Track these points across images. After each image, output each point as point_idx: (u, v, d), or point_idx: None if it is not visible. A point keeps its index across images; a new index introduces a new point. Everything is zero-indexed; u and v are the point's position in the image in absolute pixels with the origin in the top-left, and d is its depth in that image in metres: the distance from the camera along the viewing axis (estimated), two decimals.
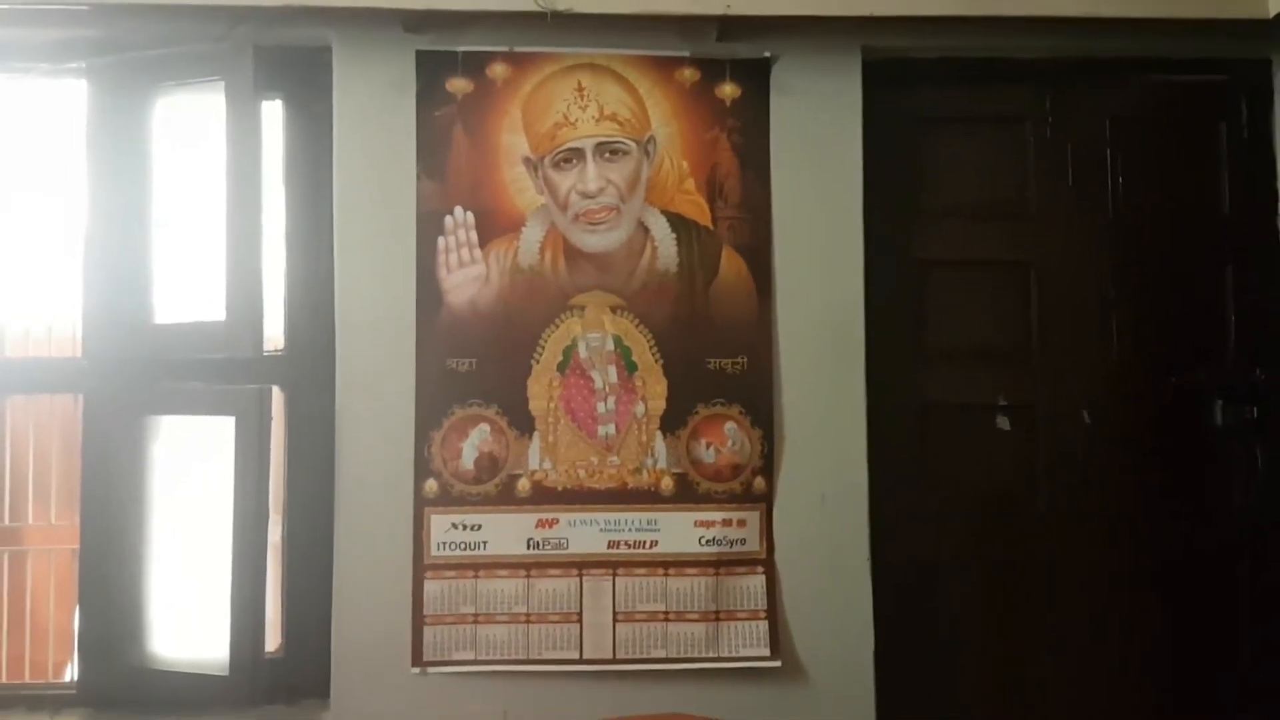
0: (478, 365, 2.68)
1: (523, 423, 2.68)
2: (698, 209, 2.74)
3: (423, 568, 2.64)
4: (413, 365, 2.67)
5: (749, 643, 2.67)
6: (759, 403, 2.71)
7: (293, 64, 2.75)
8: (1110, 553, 2.80)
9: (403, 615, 2.62)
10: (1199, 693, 2.80)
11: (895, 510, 2.74)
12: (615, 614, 2.65)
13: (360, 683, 2.62)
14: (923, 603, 2.78)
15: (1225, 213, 2.88)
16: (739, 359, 2.72)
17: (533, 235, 2.71)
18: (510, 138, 2.72)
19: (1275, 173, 2.87)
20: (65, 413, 4.18)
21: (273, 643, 2.71)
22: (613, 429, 2.69)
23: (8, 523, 4.37)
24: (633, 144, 2.73)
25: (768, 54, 2.75)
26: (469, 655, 2.63)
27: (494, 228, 2.70)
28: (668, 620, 2.66)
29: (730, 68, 2.75)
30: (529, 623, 2.64)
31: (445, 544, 2.65)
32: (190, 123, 2.71)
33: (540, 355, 2.69)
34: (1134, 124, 2.88)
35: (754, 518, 2.70)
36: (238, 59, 2.61)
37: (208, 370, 2.67)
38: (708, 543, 2.68)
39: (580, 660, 2.64)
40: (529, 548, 2.66)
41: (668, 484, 2.69)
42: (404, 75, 2.70)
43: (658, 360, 2.71)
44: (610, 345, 2.70)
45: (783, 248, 2.74)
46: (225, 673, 2.55)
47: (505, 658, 2.63)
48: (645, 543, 2.67)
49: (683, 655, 2.65)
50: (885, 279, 2.77)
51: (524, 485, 2.67)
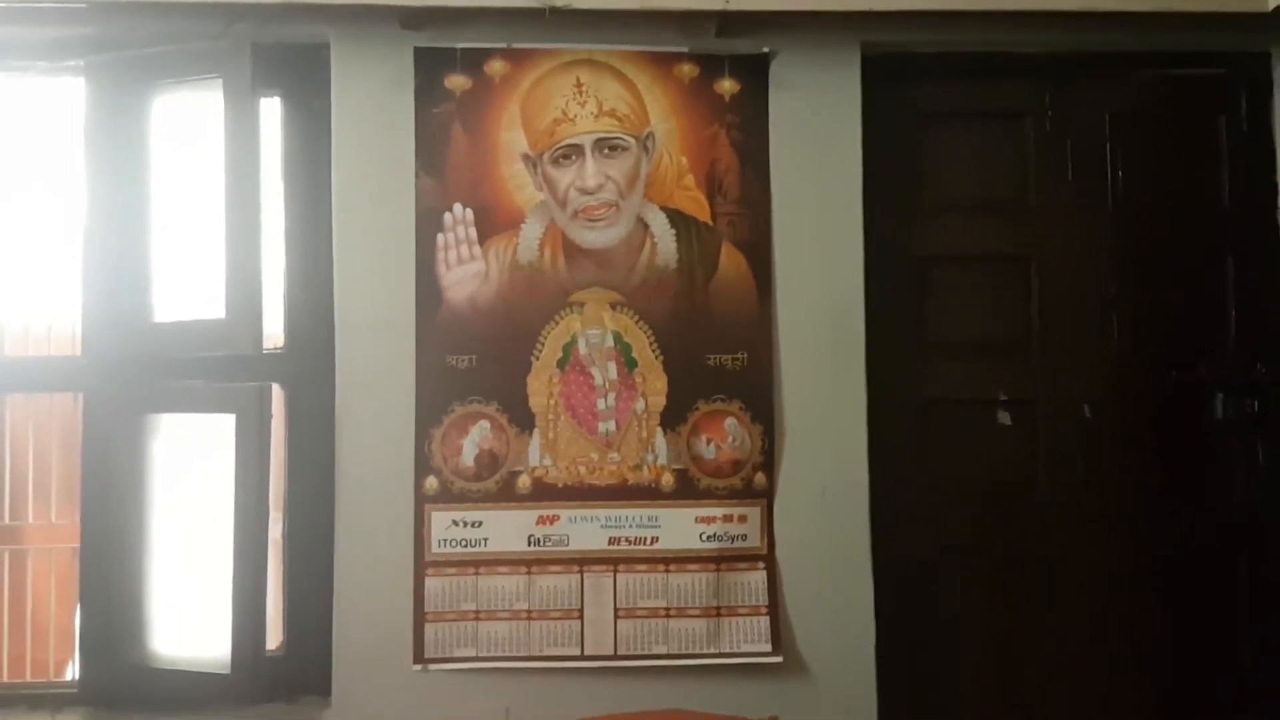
0: (477, 362, 2.68)
1: (523, 419, 2.68)
2: (697, 205, 2.73)
3: (423, 565, 2.64)
4: (412, 362, 2.67)
5: (750, 638, 2.66)
6: (759, 398, 2.71)
7: (291, 61, 2.75)
8: (1111, 547, 2.80)
9: (404, 613, 2.62)
10: (1199, 687, 2.80)
11: (896, 505, 2.74)
12: (616, 610, 2.65)
13: (361, 680, 2.62)
14: (924, 597, 2.78)
15: (1225, 206, 2.88)
16: (739, 355, 2.72)
17: (532, 232, 2.70)
18: (509, 134, 2.71)
19: (1275, 166, 2.87)
20: (65, 411, 4.18)
21: (274, 640, 2.71)
22: (613, 425, 2.69)
23: (8, 522, 4.38)
24: (632, 140, 2.72)
25: (767, 49, 2.75)
26: (470, 652, 2.63)
27: (493, 224, 2.70)
28: (669, 616, 2.66)
29: (729, 63, 2.74)
30: (530, 619, 2.64)
31: (446, 541, 2.65)
32: (189, 120, 2.69)
33: (540, 352, 2.69)
34: (1134, 118, 2.87)
35: (755, 513, 2.70)
36: (236, 56, 2.60)
37: (208, 368, 2.67)
38: (709, 539, 2.68)
39: (581, 657, 2.63)
40: (530, 544, 2.66)
41: (668, 480, 2.69)
42: (402, 72, 2.70)
43: (658, 356, 2.70)
44: (610, 342, 2.70)
45: (782, 243, 2.73)
46: (226, 671, 2.55)
47: (506, 654, 2.63)
48: (646, 539, 2.67)
49: (684, 651, 2.65)
50: (885, 274, 2.76)
51: (524, 482, 2.67)
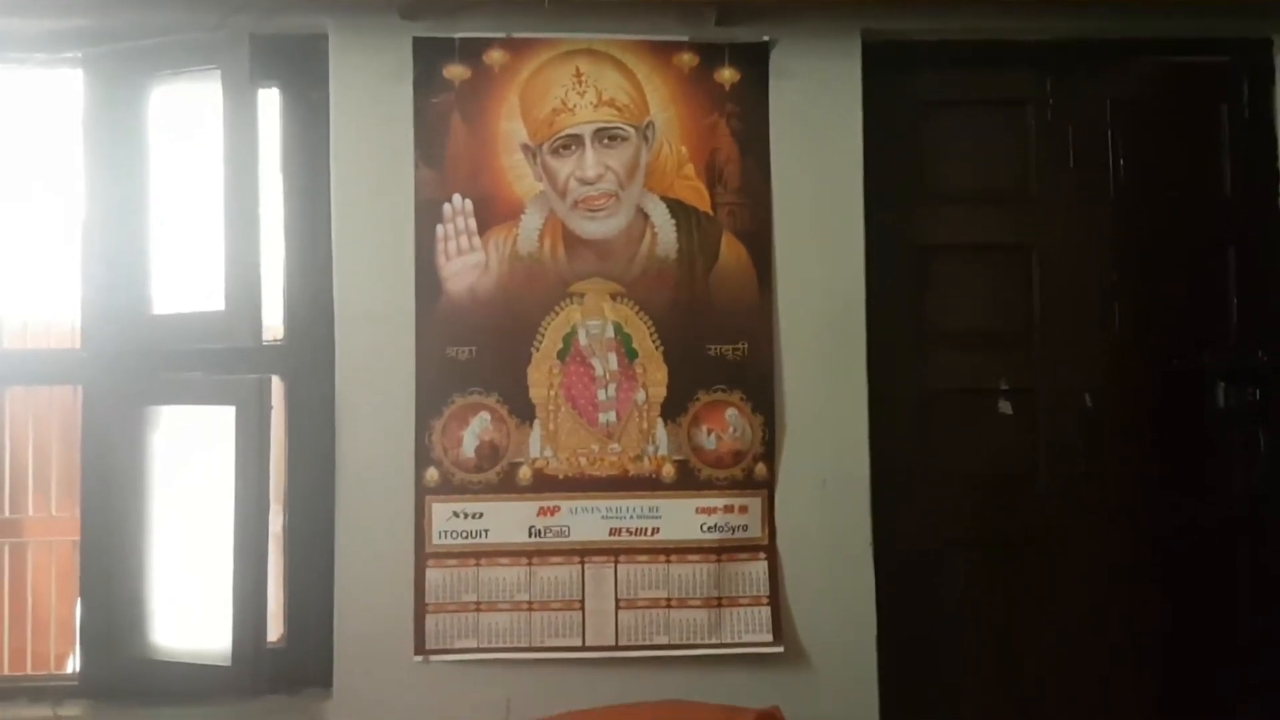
0: (477, 353, 2.67)
1: (523, 411, 2.67)
2: (697, 195, 2.72)
3: (424, 556, 2.64)
4: (412, 354, 2.66)
5: (751, 628, 2.66)
6: (760, 389, 2.70)
7: (289, 52, 2.73)
8: (1112, 536, 2.80)
9: (405, 604, 2.62)
10: (1199, 677, 2.80)
11: (897, 495, 2.73)
12: (617, 601, 2.65)
13: (363, 672, 2.62)
14: (925, 587, 2.78)
15: (1227, 194, 2.87)
16: (740, 345, 2.71)
17: (532, 222, 2.69)
18: (508, 124, 2.70)
19: (1277, 153, 2.85)
20: (64, 404, 4.18)
21: (275, 632, 2.71)
22: (613, 416, 2.68)
23: (8, 515, 4.38)
24: (631, 130, 2.71)
25: (767, 38, 2.73)
26: (471, 643, 2.62)
27: (493, 215, 2.69)
28: (670, 607, 2.65)
29: (729, 52, 2.73)
30: (531, 610, 2.64)
31: (447, 532, 2.64)
32: (187, 112, 2.68)
33: (540, 343, 2.68)
34: (1135, 106, 2.86)
35: (755, 504, 2.69)
36: (233, 47, 2.58)
37: (207, 360, 2.65)
38: (709, 529, 2.67)
39: (583, 647, 2.63)
40: (530, 535, 2.65)
41: (669, 471, 2.68)
42: (400, 62, 2.68)
43: (658, 347, 2.69)
44: (610, 332, 2.69)
45: (783, 233, 2.72)
46: (227, 663, 2.54)
47: (508, 645, 2.62)
48: (647, 529, 2.67)
49: (685, 641, 2.64)
50: (886, 263, 2.75)
51: (525, 473, 2.67)
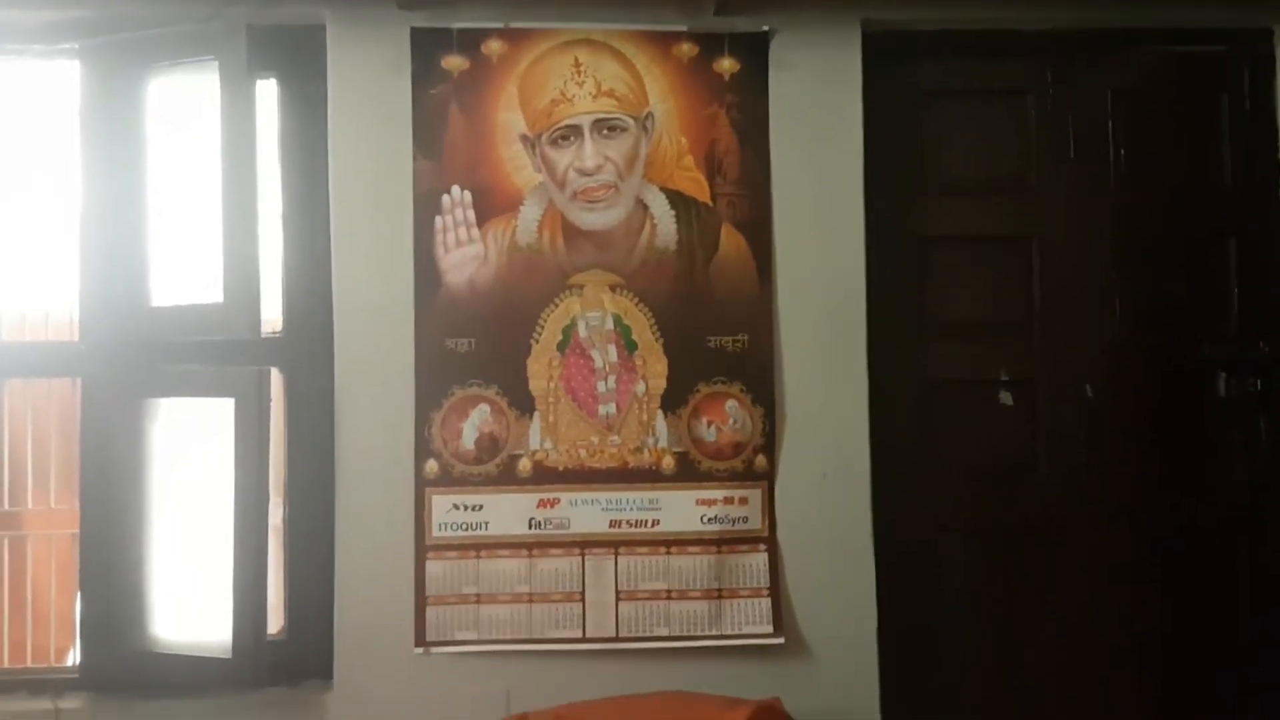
0: (477, 345, 2.67)
1: (523, 403, 2.67)
2: (697, 186, 2.71)
3: (424, 548, 2.63)
4: (411, 346, 2.66)
5: (752, 620, 2.66)
6: (760, 380, 2.70)
7: (286, 43, 2.73)
8: (1112, 527, 2.79)
9: (405, 596, 2.62)
10: (1198, 666, 2.80)
11: (897, 486, 2.73)
12: (618, 593, 2.64)
13: (363, 664, 2.62)
14: (925, 578, 2.78)
15: (1227, 184, 2.86)
16: (739, 337, 2.70)
17: (531, 214, 2.69)
18: (507, 115, 2.69)
19: (1277, 144, 2.84)
20: (63, 396, 4.18)
21: (275, 625, 2.71)
22: (613, 408, 2.68)
23: (7, 507, 4.38)
24: (630, 120, 2.70)
25: (766, 28, 2.72)
26: (472, 635, 2.62)
27: (491, 206, 2.68)
28: (670, 599, 2.65)
29: (729, 42, 2.72)
30: (531, 602, 2.64)
31: (447, 525, 2.64)
32: (185, 104, 2.67)
33: (540, 335, 2.68)
34: (1135, 96, 2.85)
35: (756, 495, 2.69)
36: (231, 38, 2.58)
37: (206, 352, 2.65)
38: (710, 521, 2.67)
39: (583, 639, 2.63)
40: (530, 527, 2.65)
41: (669, 463, 2.68)
42: (399, 53, 2.67)
43: (658, 339, 2.69)
44: (610, 324, 2.69)
45: (783, 224, 2.72)
46: (228, 655, 2.54)
47: (508, 637, 2.62)
48: (647, 521, 2.66)
49: (685, 633, 2.64)
50: (886, 254, 2.74)
51: (525, 465, 2.67)
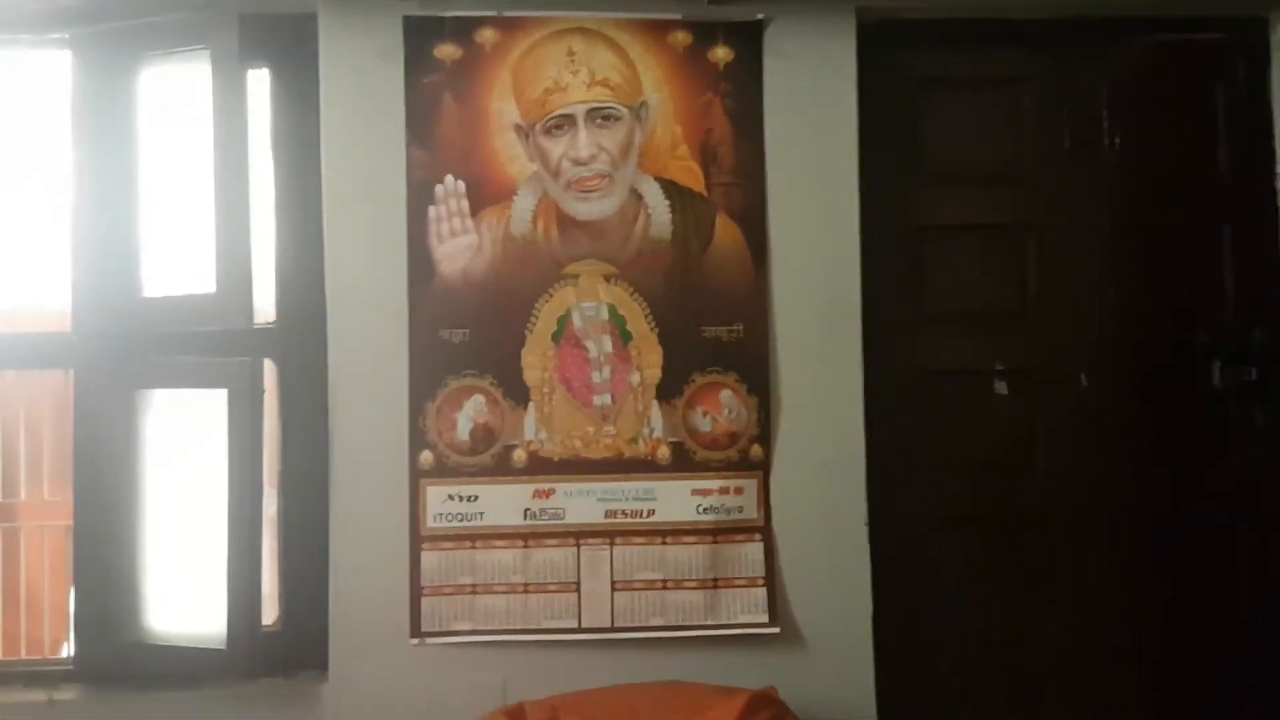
0: (471, 336, 2.66)
1: (518, 393, 2.66)
2: (691, 175, 2.70)
3: (419, 539, 2.63)
4: (405, 336, 2.65)
5: (747, 610, 2.66)
6: (755, 370, 2.69)
7: (278, 32, 2.71)
8: (1108, 516, 2.79)
9: (400, 587, 2.62)
10: (1197, 654, 2.80)
11: (893, 476, 2.73)
12: (613, 583, 2.64)
13: (359, 655, 2.61)
14: (921, 568, 2.78)
15: (1223, 173, 2.85)
16: (735, 327, 2.70)
17: (525, 204, 2.67)
18: (500, 104, 2.68)
19: (1273, 132, 2.84)
20: (56, 388, 4.16)
21: (270, 616, 2.70)
22: (608, 399, 2.67)
23: (1, 499, 4.37)
24: (625, 110, 2.69)
25: (760, 16, 2.71)
26: (467, 626, 2.62)
27: (485, 196, 2.67)
28: (666, 588, 2.65)
29: (723, 31, 2.71)
30: (527, 593, 2.64)
31: (442, 515, 2.64)
32: (177, 93, 2.65)
33: (534, 325, 2.67)
34: (1131, 84, 2.84)
35: (751, 485, 2.69)
36: (222, 28, 2.56)
37: (199, 343, 2.64)
38: (705, 511, 2.67)
39: (579, 629, 2.63)
40: (526, 518, 2.65)
41: (664, 453, 2.68)
42: (391, 42, 2.66)
43: (653, 329, 2.68)
44: (605, 314, 2.68)
45: (777, 213, 2.71)
46: (223, 646, 2.54)
47: (504, 628, 2.62)
48: (642, 512, 2.66)
49: (681, 623, 2.64)
50: (881, 244, 2.73)
51: (520, 456, 2.66)
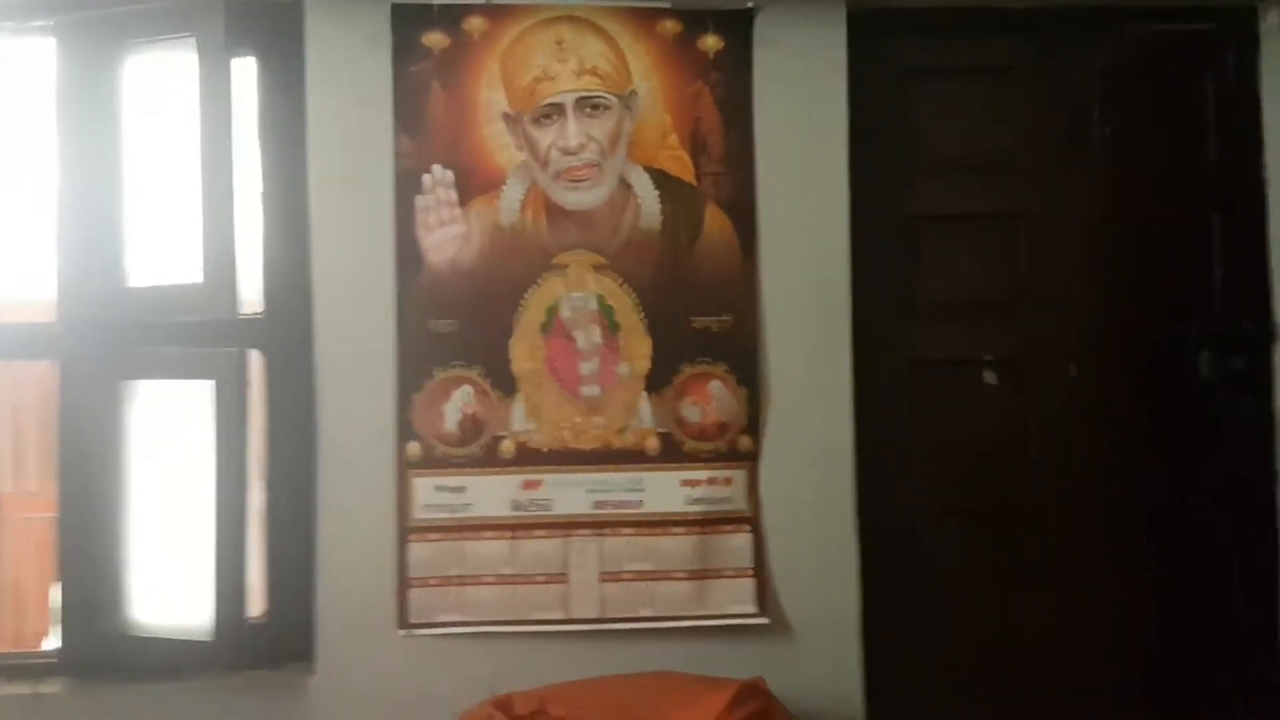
0: (459, 326, 2.64)
1: (506, 384, 2.65)
2: (681, 165, 2.69)
3: (407, 531, 2.62)
4: (393, 327, 2.63)
5: (736, 600, 2.66)
6: (745, 361, 2.69)
7: (265, 20, 2.68)
8: (1098, 506, 2.80)
9: (387, 578, 2.61)
10: (1189, 642, 2.81)
11: (882, 466, 2.72)
12: (602, 574, 2.64)
13: (346, 646, 2.60)
14: (909, 558, 2.78)
15: (1212, 162, 2.85)
16: (724, 317, 2.69)
17: (513, 193, 2.66)
18: (488, 93, 2.66)
19: (1261, 121, 2.83)
20: (41, 379, 4.14)
21: (256, 607, 2.69)
22: (597, 389, 2.66)
23: None
24: (614, 99, 2.67)
25: (750, 4, 2.69)
26: (455, 617, 2.61)
27: (473, 186, 2.65)
28: (654, 580, 2.65)
29: (712, 19, 2.69)
30: (515, 584, 2.63)
31: (429, 507, 2.63)
32: (162, 81, 2.63)
33: (523, 316, 2.65)
34: (1121, 74, 2.84)
35: (740, 476, 2.68)
36: (208, 15, 2.53)
37: (185, 334, 2.62)
38: (694, 502, 2.66)
39: (567, 620, 2.62)
40: (514, 509, 2.64)
41: (653, 444, 2.67)
42: (379, 30, 2.63)
43: (642, 319, 2.67)
44: (593, 305, 2.67)
45: (767, 203, 2.70)
46: (209, 638, 2.53)
47: (492, 619, 2.61)
48: (631, 503, 2.65)
49: (670, 614, 2.64)
50: (871, 233, 2.72)
51: (508, 447, 2.65)
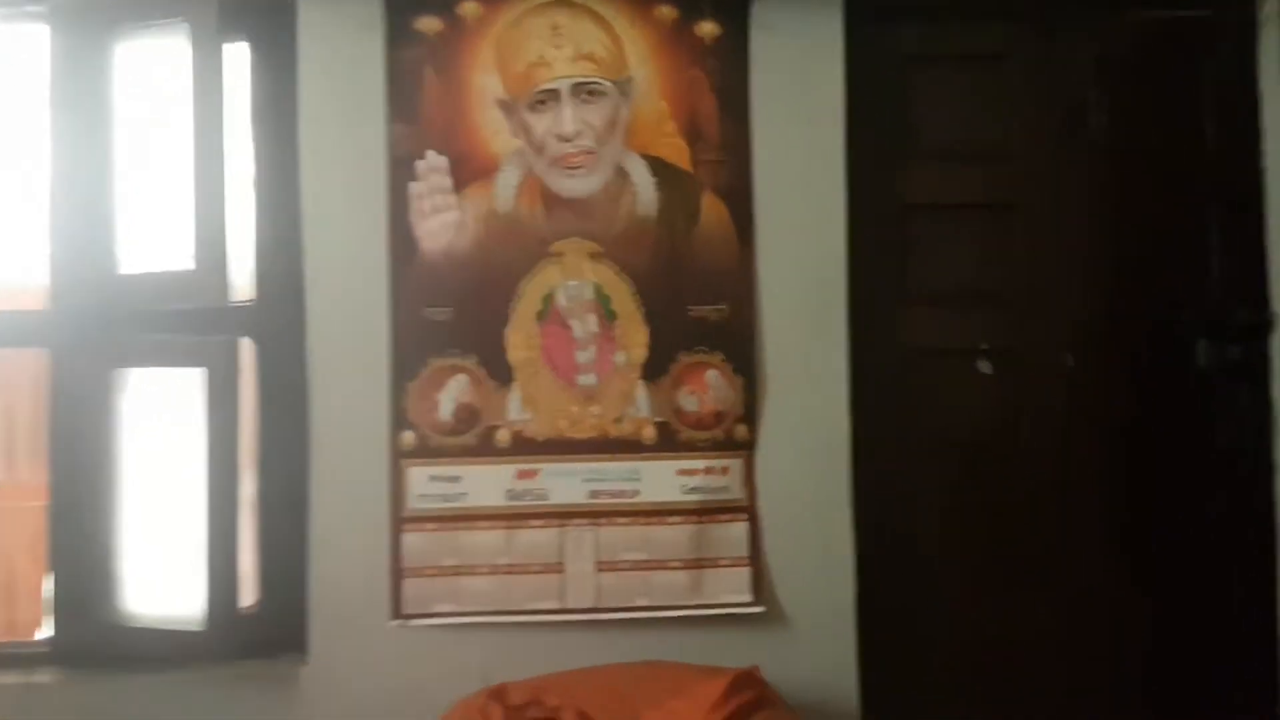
0: (454, 315, 2.63)
1: (501, 373, 2.64)
2: (677, 152, 2.67)
3: (401, 520, 2.60)
4: (387, 315, 2.61)
5: (732, 590, 2.65)
6: (741, 350, 2.67)
7: (257, 5, 2.66)
8: (1093, 496, 2.80)
9: (381, 568, 2.59)
10: (1185, 635, 2.81)
11: (877, 455, 2.71)
12: (598, 564, 2.63)
13: (339, 636, 2.59)
14: (904, 547, 2.77)
15: (1210, 150, 2.84)
16: (720, 306, 2.67)
17: (508, 180, 2.64)
18: (483, 79, 2.64)
19: (1259, 109, 2.83)
20: (32, 366, 4.11)
21: (248, 597, 2.67)
22: (593, 378, 2.65)
23: None
24: (610, 85, 2.65)
25: None
26: (450, 607, 2.60)
27: (468, 172, 2.63)
28: (650, 569, 2.64)
29: (709, 5, 2.67)
30: (510, 574, 2.61)
31: (424, 496, 2.61)
32: (154, 67, 2.60)
33: (518, 304, 2.64)
34: (1119, 61, 2.83)
35: (737, 465, 2.67)
36: (200, 0, 2.51)
37: (176, 321, 2.60)
38: (690, 491, 2.65)
39: (563, 610, 2.61)
40: (509, 499, 2.62)
41: (649, 433, 2.66)
42: (371, 15, 2.61)
43: (638, 308, 2.66)
44: (590, 293, 2.65)
45: (764, 191, 2.68)
46: (201, 628, 2.51)
47: (487, 609, 2.60)
48: (627, 492, 2.64)
49: (665, 603, 2.63)
50: (868, 222, 2.71)
51: (503, 436, 2.63)
